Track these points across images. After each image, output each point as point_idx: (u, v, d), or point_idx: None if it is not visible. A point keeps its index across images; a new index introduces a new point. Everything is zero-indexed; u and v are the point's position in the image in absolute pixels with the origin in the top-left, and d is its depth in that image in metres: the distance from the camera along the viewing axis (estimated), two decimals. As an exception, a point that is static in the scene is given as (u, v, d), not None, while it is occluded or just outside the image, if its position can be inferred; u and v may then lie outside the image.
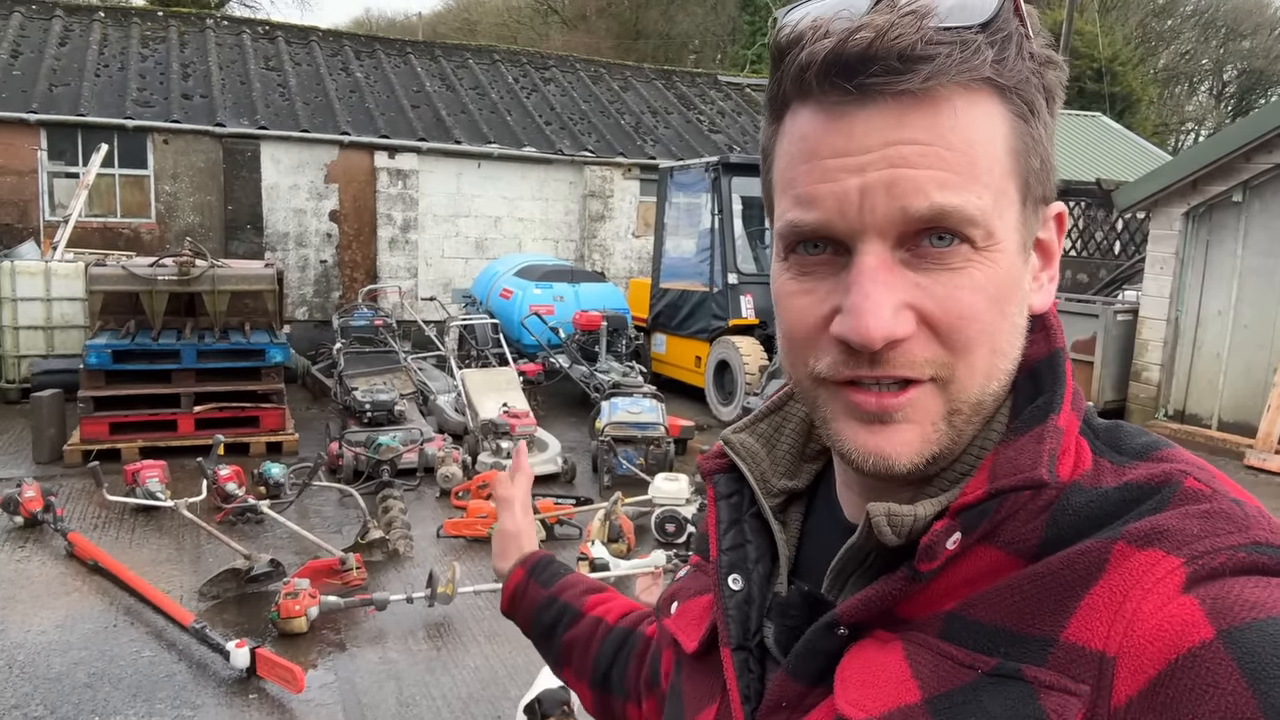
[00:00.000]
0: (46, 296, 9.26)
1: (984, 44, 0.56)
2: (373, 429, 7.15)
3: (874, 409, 0.60)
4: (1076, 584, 0.55)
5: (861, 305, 0.57)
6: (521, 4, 38.94)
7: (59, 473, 6.84)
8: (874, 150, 0.57)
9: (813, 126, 0.59)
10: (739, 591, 0.72)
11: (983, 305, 0.58)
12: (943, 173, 0.56)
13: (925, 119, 0.56)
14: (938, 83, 0.55)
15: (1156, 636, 0.51)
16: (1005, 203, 0.59)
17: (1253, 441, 8.31)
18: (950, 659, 0.57)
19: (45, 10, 13.84)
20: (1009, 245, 0.60)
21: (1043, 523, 0.59)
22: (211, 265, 7.74)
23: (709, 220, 9.75)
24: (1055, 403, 0.62)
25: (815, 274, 0.61)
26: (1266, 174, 8.44)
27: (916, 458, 0.61)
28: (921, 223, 0.57)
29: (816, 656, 0.64)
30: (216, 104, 12.25)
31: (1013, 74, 0.58)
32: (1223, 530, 0.55)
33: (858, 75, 0.56)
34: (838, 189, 0.58)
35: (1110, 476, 0.60)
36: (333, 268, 12.54)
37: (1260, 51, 36.29)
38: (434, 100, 14.14)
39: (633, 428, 7.06)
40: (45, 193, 11.23)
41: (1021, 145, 0.60)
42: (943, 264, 0.58)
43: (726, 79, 19.31)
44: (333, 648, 4.35)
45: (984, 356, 0.60)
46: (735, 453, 0.77)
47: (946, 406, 0.60)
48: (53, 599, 4.77)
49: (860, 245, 0.58)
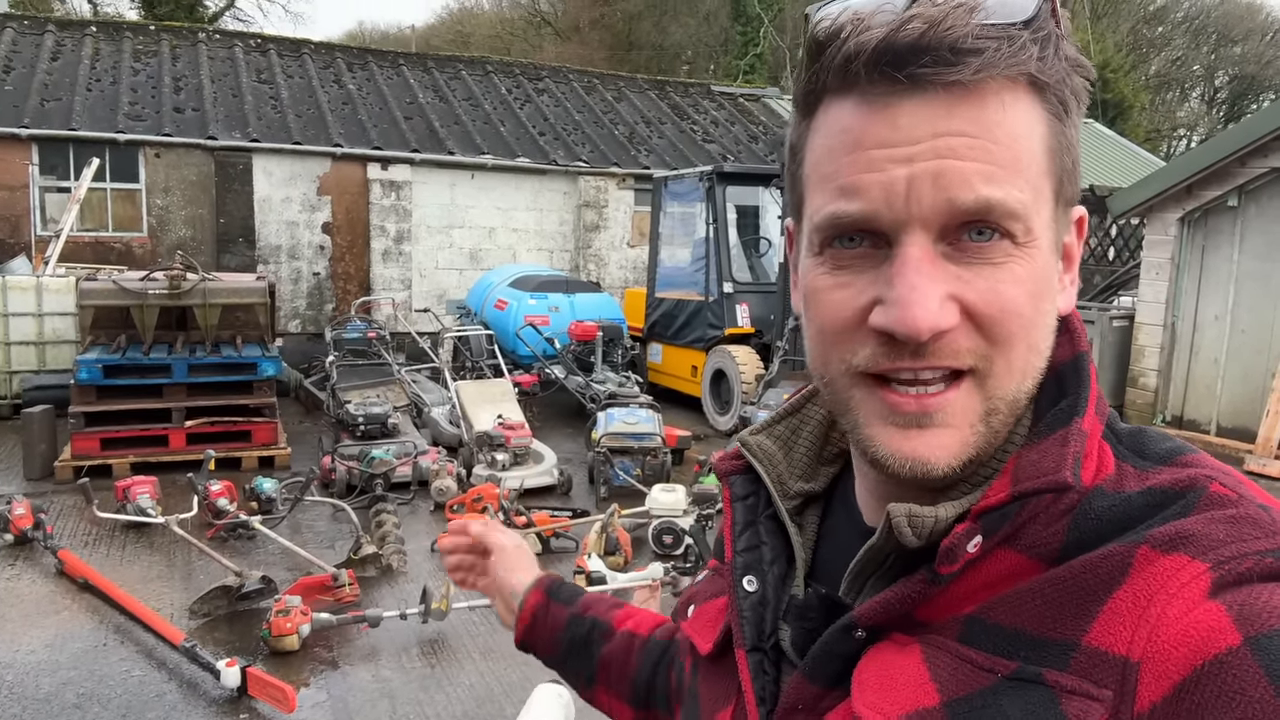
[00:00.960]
0: (38, 312, 9.20)
1: (1029, 41, 0.56)
2: (366, 442, 7.09)
3: (913, 410, 0.60)
4: (1099, 588, 0.55)
5: (908, 296, 0.57)
6: (514, 16, 39.06)
7: (50, 489, 6.78)
8: (922, 141, 0.56)
9: (856, 118, 0.59)
10: (754, 593, 0.72)
11: (1024, 300, 0.58)
12: (989, 166, 0.56)
13: (973, 111, 0.56)
14: (987, 75, 0.56)
15: (1182, 642, 0.51)
16: (1042, 200, 0.59)
17: (1252, 447, 8.28)
18: (969, 662, 0.57)
19: (37, 25, 13.83)
20: (1044, 243, 0.60)
21: (1064, 526, 0.58)
22: (203, 279, 7.69)
23: (704, 229, 9.73)
24: (1080, 405, 0.62)
25: (852, 267, 0.61)
26: (1262, 178, 8.43)
27: (955, 460, 0.60)
28: (967, 215, 0.57)
29: (833, 659, 0.64)
30: (208, 117, 12.21)
31: (1052, 72, 0.58)
32: (1249, 536, 0.54)
33: (909, 65, 0.56)
34: (884, 179, 0.57)
35: (1133, 481, 0.59)
36: (325, 280, 12.48)
37: (1252, 57, 36.46)
38: (427, 111, 14.12)
39: (629, 438, 7.01)
40: (37, 207, 11.18)
41: (1057, 144, 0.60)
42: (984, 258, 0.58)
43: (719, 89, 19.33)
44: (325, 666, 4.28)
45: (1022, 353, 0.60)
46: (752, 455, 0.77)
47: (985, 406, 0.60)
48: (42, 618, 4.70)
49: (904, 237, 0.58)
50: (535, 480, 6.86)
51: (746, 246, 10.08)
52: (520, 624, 1.15)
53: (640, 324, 10.80)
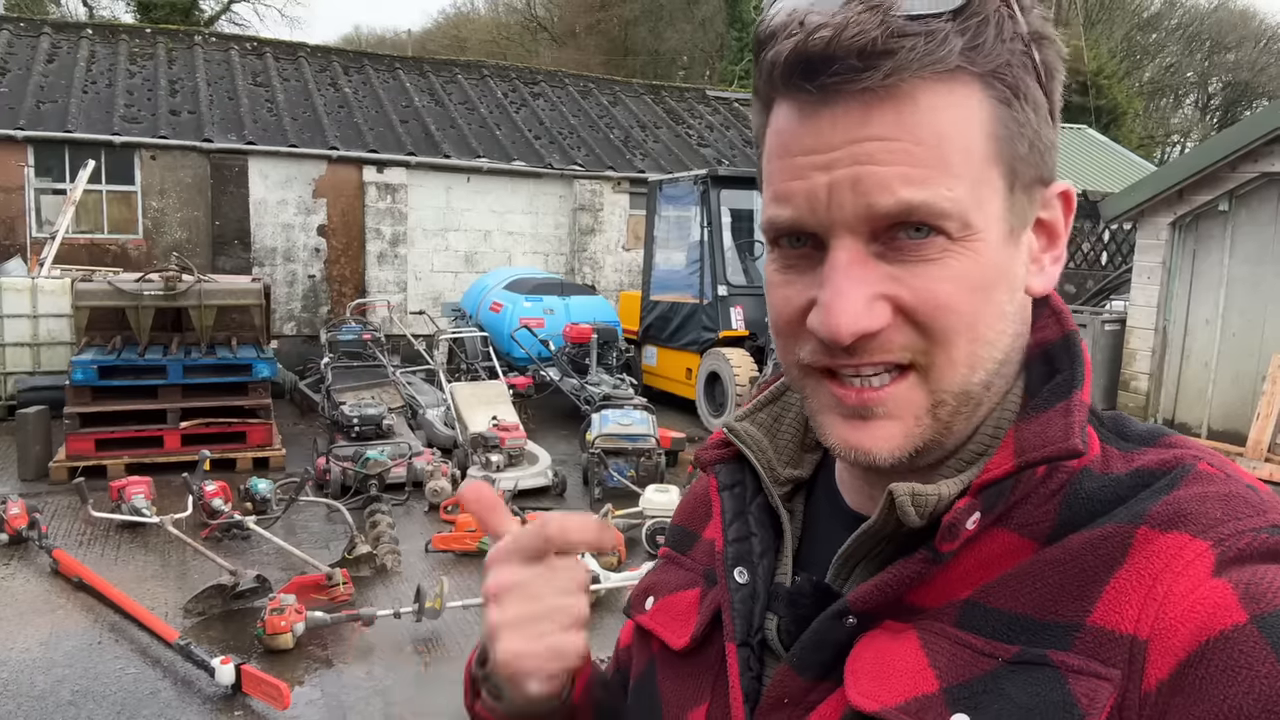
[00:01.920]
0: (33, 313, 9.20)
1: (953, 33, 0.55)
2: (361, 443, 7.11)
3: (854, 403, 0.60)
4: (1100, 569, 0.55)
5: (832, 301, 0.57)
6: (511, 21, 39.12)
7: (44, 490, 6.78)
8: (839, 148, 0.56)
9: (787, 123, 0.59)
10: (744, 585, 0.70)
11: (961, 295, 0.58)
12: (909, 168, 0.56)
13: (890, 115, 0.55)
14: (899, 78, 0.55)
15: (1188, 618, 0.51)
16: (988, 192, 0.58)
17: (1243, 449, 8.32)
18: (969, 648, 0.56)
19: (33, 28, 13.84)
20: (991, 235, 0.59)
21: (1055, 506, 0.58)
22: (198, 280, 7.71)
23: (698, 233, 9.77)
24: (1078, 379, 0.62)
25: (797, 266, 0.61)
26: (1252, 183, 8.48)
27: (898, 451, 0.60)
28: (889, 219, 0.57)
29: (824, 647, 0.63)
30: (204, 120, 12.23)
31: (990, 59, 0.56)
32: (1243, 513, 0.54)
33: (819, 75, 0.55)
34: (807, 186, 0.58)
35: (1120, 463, 0.60)
36: (321, 282, 12.50)
37: (1245, 64, 36.64)
38: (423, 115, 14.15)
39: (624, 439, 7.04)
40: (32, 209, 11.18)
41: (1004, 131, 0.58)
42: (919, 255, 0.57)
43: (715, 93, 19.39)
44: (319, 664, 4.30)
45: (964, 346, 0.59)
46: (740, 440, 0.75)
47: (930, 399, 0.60)
48: (37, 616, 4.71)
49: (833, 240, 0.58)
50: (530, 481, 6.88)
51: (741, 250, 10.12)
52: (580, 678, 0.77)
53: (635, 327, 10.84)
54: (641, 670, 0.80)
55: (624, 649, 0.89)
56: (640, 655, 0.81)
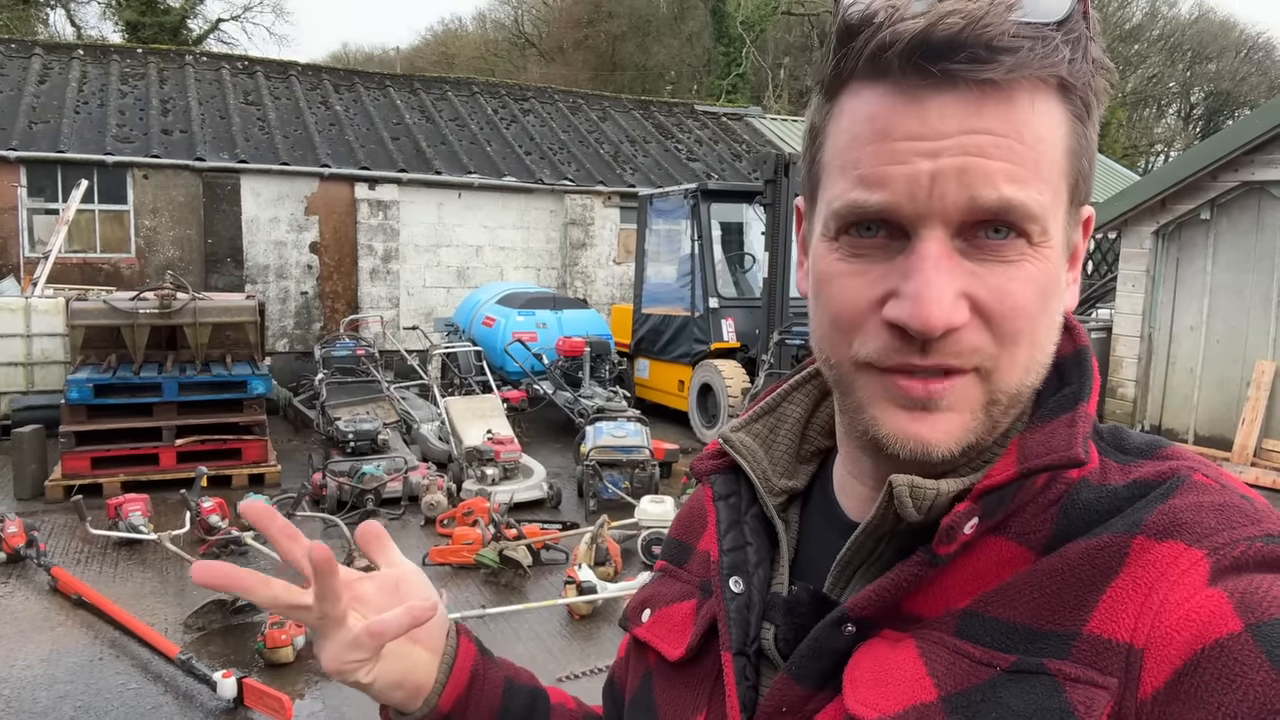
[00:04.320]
0: (26, 333, 9.22)
1: (1061, 42, 0.56)
2: (356, 458, 7.15)
3: (921, 394, 0.60)
4: (1097, 578, 0.55)
5: (924, 292, 0.57)
6: (499, 37, 39.32)
7: (41, 508, 6.79)
8: (949, 136, 0.56)
9: (882, 108, 0.58)
10: (740, 595, 0.70)
11: (1033, 299, 0.59)
12: (1013, 166, 0.57)
13: (1002, 110, 0.56)
14: (1019, 75, 0.56)
15: (1184, 627, 0.51)
16: (1059, 202, 0.60)
17: (1229, 455, 8.44)
18: (967, 657, 0.57)
19: (25, 49, 13.89)
20: (1057, 243, 0.60)
21: (1053, 515, 0.59)
22: (193, 298, 7.75)
23: (689, 246, 9.86)
24: (1085, 392, 0.63)
25: (868, 256, 0.60)
26: (1233, 191, 8.63)
27: (955, 445, 0.60)
28: (987, 213, 0.57)
29: (822, 656, 0.63)
30: (196, 139, 12.29)
31: (1079, 75, 0.58)
32: (1238, 523, 0.55)
33: (944, 60, 0.55)
34: (909, 171, 0.57)
35: (1117, 474, 0.61)
36: (314, 299, 12.54)
37: (1227, 74, 37.07)
38: (414, 132, 14.24)
39: (618, 451, 7.10)
40: (25, 229, 11.21)
41: (1077, 146, 0.60)
42: (999, 256, 0.58)
43: (703, 108, 19.55)
44: (320, 677, 4.33)
45: (1026, 349, 0.60)
46: (735, 450, 0.76)
47: (987, 396, 0.60)
48: (37, 633, 4.73)
49: (924, 231, 0.58)
50: (525, 494, 6.93)
51: (731, 262, 10.21)
52: (452, 689, 0.81)
53: (627, 339, 10.91)
54: (638, 683, 0.81)
55: (619, 661, 0.90)
56: (636, 668, 0.82)
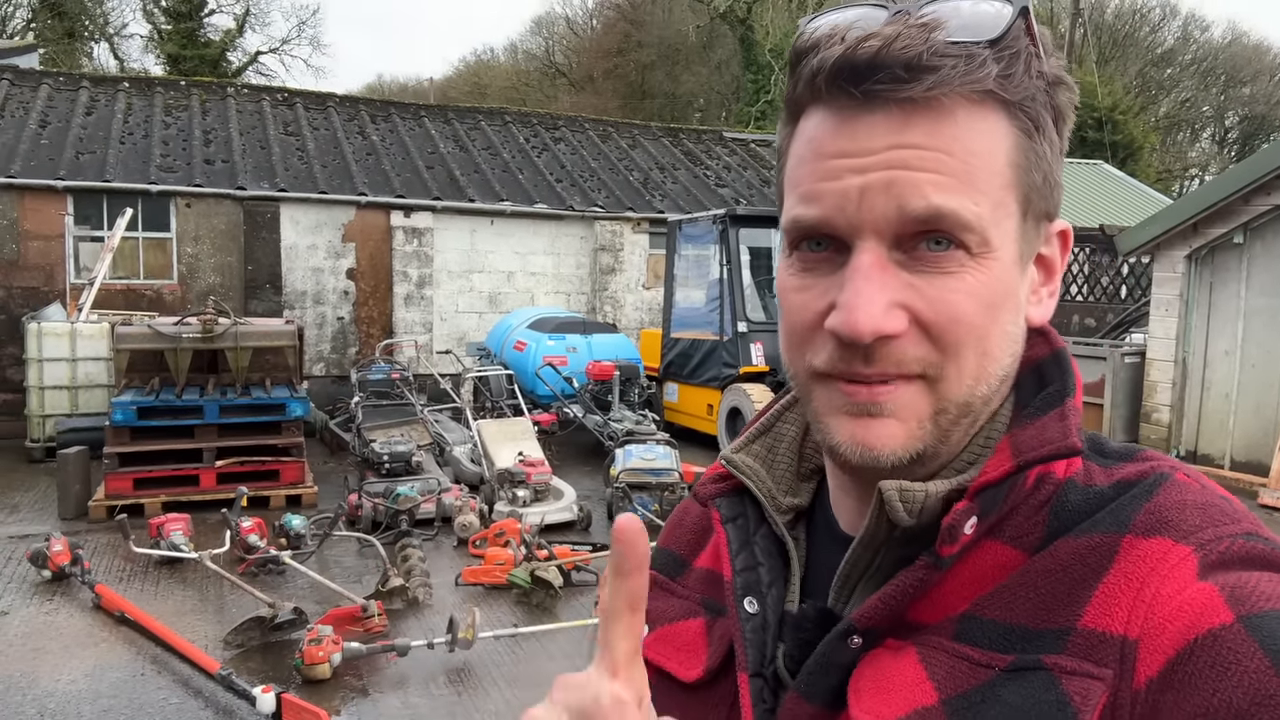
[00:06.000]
0: (72, 357, 9.47)
1: (990, 59, 0.58)
2: (391, 480, 7.26)
3: (864, 399, 0.62)
4: (1089, 574, 0.57)
5: (854, 301, 0.59)
6: (530, 68, 39.94)
7: (84, 528, 6.96)
8: (876, 152, 0.59)
9: (821, 129, 0.62)
10: (755, 615, 0.70)
11: (974, 309, 0.60)
12: (941, 176, 0.58)
13: (928, 125, 0.58)
14: (940, 92, 0.58)
15: (1176, 618, 0.53)
16: (1003, 214, 0.61)
17: (1266, 480, 8.32)
18: (966, 659, 0.58)
19: (72, 82, 14.34)
20: (1005, 255, 0.61)
21: (1044, 517, 0.60)
22: (234, 323, 7.94)
23: (718, 271, 9.94)
24: (1069, 387, 0.65)
25: (816, 270, 0.63)
26: (1266, 215, 8.58)
27: (901, 451, 0.62)
28: (918, 223, 0.59)
29: (830, 671, 0.63)
30: (237, 168, 12.60)
31: (1019, 90, 0.60)
32: (1219, 520, 0.57)
33: (864, 81, 0.58)
34: (839, 186, 0.60)
35: (1101, 476, 0.62)
36: (349, 324, 12.76)
37: (1261, 97, 36.74)
38: (448, 161, 14.50)
39: (647, 474, 7.15)
40: (71, 256, 11.52)
41: (1024, 160, 0.61)
42: (938, 267, 0.60)
43: (731, 135, 19.70)
44: (356, 693, 4.41)
45: (972, 359, 0.61)
46: (740, 472, 0.76)
47: (933, 406, 0.62)
48: (81, 649, 4.85)
49: (858, 243, 0.60)
50: (556, 516, 7.00)
51: (760, 287, 10.28)
52: None
53: (656, 364, 10.99)
54: None
55: None
56: None
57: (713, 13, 31.40)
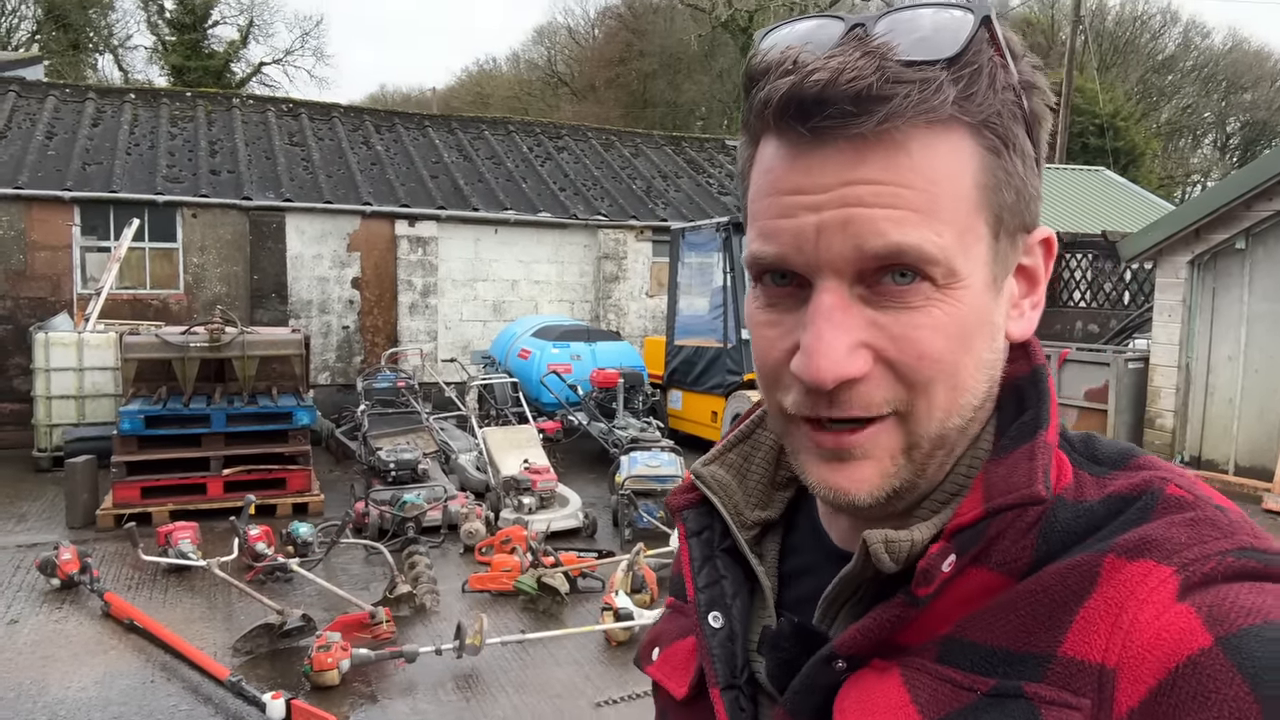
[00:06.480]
0: (79, 366, 9.52)
1: (947, 81, 0.55)
2: (397, 487, 7.29)
3: (831, 447, 0.61)
4: (1070, 599, 0.55)
5: (814, 346, 0.57)
6: (532, 77, 40.09)
7: (92, 537, 6.99)
8: (830, 190, 0.57)
9: (776, 161, 0.59)
10: (720, 629, 0.70)
11: (942, 344, 0.58)
12: (900, 211, 0.56)
13: (882, 159, 0.56)
14: (893, 125, 0.55)
15: (1155, 645, 0.51)
16: (972, 239, 0.59)
17: (1270, 485, 8.33)
18: (949, 682, 0.57)
19: (78, 93, 14.43)
20: (975, 282, 0.59)
21: (1032, 540, 0.59)
22: (241, 332, 7.99)
23: (721, 278, 9.98)
24: (1043, 418, 0.62)
25: (781, 305, 0.61)
26: (1268, 220, 8.60)
27: (877, 492, 0.61)
28: (878, 260, 0.57)
29: (815, 692, 0.63)
30: (243, 178, 12.67)
31: (981, 109, 0.57)
32: (1210, 537, 0.55)
33: (812, 118, 0.55)
34: (795, 225, 0.58)
35: (1093, 489, 0.61)
36: (355, 333, 12.81)
37: (1263, 103, 36.81)
38: (452, 170, 14.56)
39: (652, 481, 7.17)
40: (78, 266, 11.59)
41: (992, 180, 0.59)
42: (902, 302, 0.58)
43: (734, 143, 19.72)
44: (364, 699, 4.44)
45: (943, 394, 0.59)
46: (706, 485, 0.75)
47: (905, 441, 0.60)
48: (91, 657, 4.88)
49: (818, 282, 0.58)
50: (561, 523, 7.03)
51: (763, 294, 10.30)
52: None
53: (660, 371, 11.02)
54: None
55: None
56: (656, 705, 0.82)
57: (714, 22, 31.53)
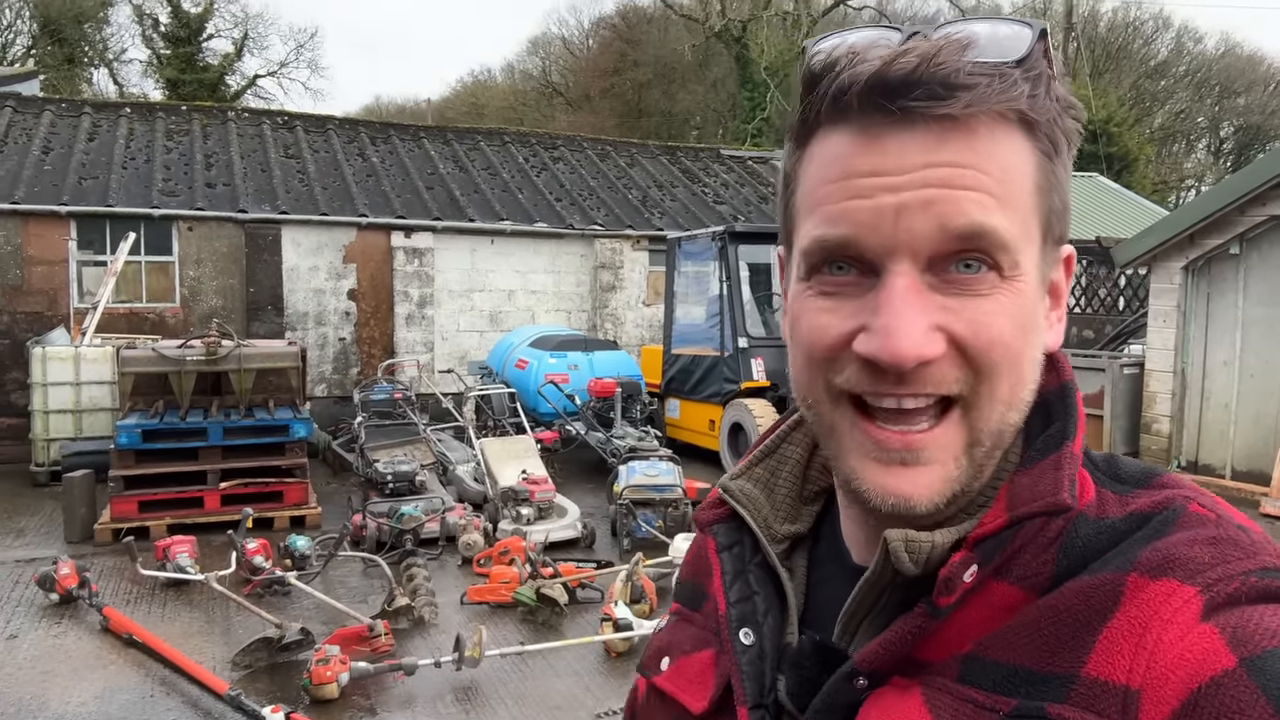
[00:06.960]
0: (76, 381, 9.50)
1: (1020, 79, 0.58)
2: (395, 499, 7.29)
3: (898, 447, 0.60)
4: (1093, 619, 0.55)
5: (893, 325, 0.57)
6: (527, 88, 40.17)
7: (90, 551, 6.98)
8: (912, 171, 0.57)
9: (846, 147, 0.60)
10: (751, 646, 0.69)
11: (1010, 332, 0.59)
12: (980, 194, 0.57)
13: (964, 143, 0.58)
14: (976, 110, 0.57)
15: (1178, 666, 0.51)
16: (1030, 236, 0.60)
17: (1267, 489, 8.35)
18: (971, 702, 0.57)
19: (74, 108, 14.45)
20: (1031, 278, 0.61)
21: (1053, 555, 0.59)
22: (238, 345, 7.99)
23: (718, 287, 10.00)
24: (1070, 430, 0.63)
25: (840, 294, 0.61)
26: (1262, 225, 8.64)
27: (938, 498, 0.60)
28: (958, 241, 0.58)
29: (836, 711, 0.62)
30: (239, 191, 12.69)
31: (1043, 111, 0.59)
32: (1233, 557, 0.55)
33: (900, 97, 0.57)
34: (872, 205, 0.58)
35: (1115, 506, 0.61)
36: (351, 345, 12.81)
37: (1256, 107, 36.94)
38: (448, 181, 14.59)
39: (650, 490, 7.18)
40: (75, 280, 11.58)
41: (1045, 182, 0.61)
42: (971, 290, 0.59)
43: (729, 152, 19.81)
44: (363, 713, 4.43)
45: (1007, 384, 0.60)
46: (735, 500, 0.75)
47: (968, 438, 0.60)
48: (90, 672, 4.87)
49: (891, 265, 0.59)
50: (560, 533, 7.02)
51: (759, 302, 10.34)
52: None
53: (658, 380, 11.03)
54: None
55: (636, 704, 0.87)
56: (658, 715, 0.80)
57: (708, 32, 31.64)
